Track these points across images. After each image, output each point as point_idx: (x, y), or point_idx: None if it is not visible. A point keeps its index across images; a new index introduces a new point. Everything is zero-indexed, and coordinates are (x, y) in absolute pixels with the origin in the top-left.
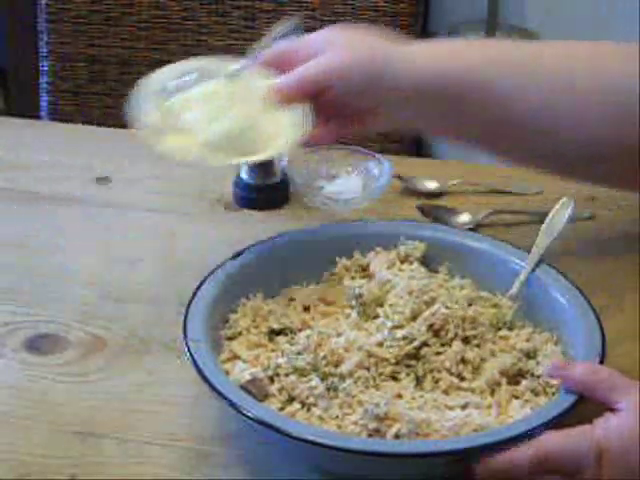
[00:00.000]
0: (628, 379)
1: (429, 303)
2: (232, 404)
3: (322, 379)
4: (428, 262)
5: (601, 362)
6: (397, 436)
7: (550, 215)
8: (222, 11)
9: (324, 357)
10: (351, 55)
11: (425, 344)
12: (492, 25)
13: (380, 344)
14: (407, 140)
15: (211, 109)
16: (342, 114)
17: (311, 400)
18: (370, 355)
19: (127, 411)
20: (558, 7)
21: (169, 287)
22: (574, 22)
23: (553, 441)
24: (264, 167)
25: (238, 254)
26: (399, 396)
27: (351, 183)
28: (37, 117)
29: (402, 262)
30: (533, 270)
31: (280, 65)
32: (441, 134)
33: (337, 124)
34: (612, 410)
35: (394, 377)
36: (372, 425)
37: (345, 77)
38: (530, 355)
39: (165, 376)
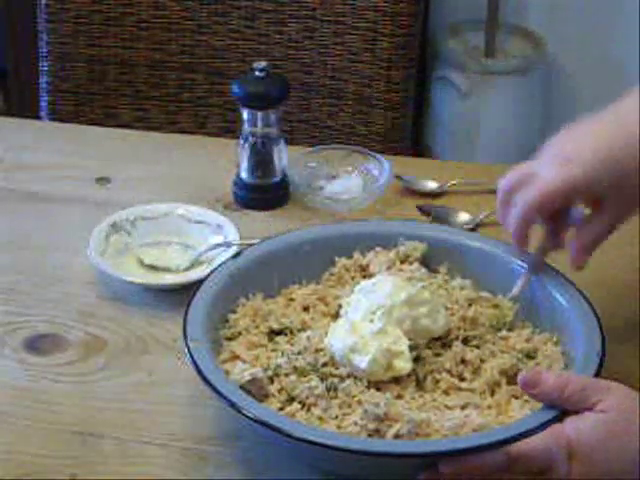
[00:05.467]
0: (604, 381)
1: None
2: (232, 404)
3: (322, 379)
4: (428, 262)
5: (601, 362)
6: (397, 436)
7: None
8: (222, 11)
9: (324, 357)
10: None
11: (426, 345)
12: (492, 25)
13: None
14: (407, 140)
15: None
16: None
17: (311, 400)
18: None
19: (127, 411)
20: (558, 7)
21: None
22: (575, 22)
23: (523, 441)
24: (264, 167)
25: (238, 254)
26: (399, 396)
27: (351, 183)
28: (37, 117)
29: (402, 262)
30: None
31: None
32: None
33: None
34: (591, 409)
35: (395, 378)
36: (372, 425)
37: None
38: (530, 355)
39: (165, 376)
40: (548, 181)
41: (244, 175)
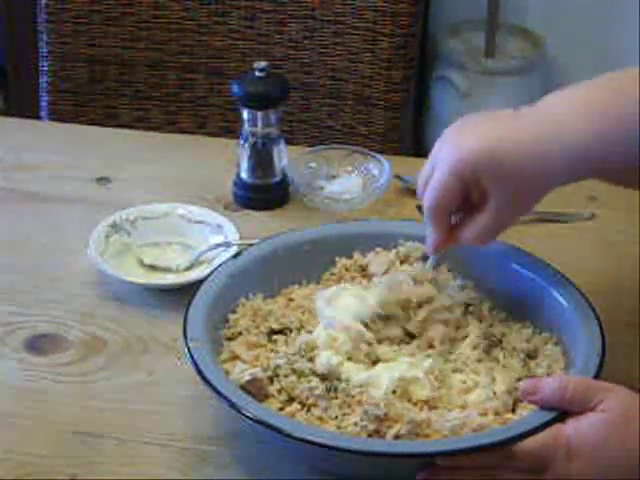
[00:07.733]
0: (605, 382)
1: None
2: (232, 404)
3: (322, 380)
4: None
5: (601, 362)
6: (397, 436)
7: None
8: (222, 11)
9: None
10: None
11: None
12: (492, 25)
13: None
14: (407, 140)
15: None
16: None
17: (311, 400)
18: None
19: (127, 411)
20: (558, 7)
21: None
22: (574, 22)
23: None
24: (264, 167)
25: (238, 254)
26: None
27: (351, 183)
28: (37, 117)
29: (402, 262)
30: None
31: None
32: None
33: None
34: (592, 409)
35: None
36: (372, 426)
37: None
38: (531, 355)
39: (165, 376)
40: (439, 178)
41: (244, 175)
